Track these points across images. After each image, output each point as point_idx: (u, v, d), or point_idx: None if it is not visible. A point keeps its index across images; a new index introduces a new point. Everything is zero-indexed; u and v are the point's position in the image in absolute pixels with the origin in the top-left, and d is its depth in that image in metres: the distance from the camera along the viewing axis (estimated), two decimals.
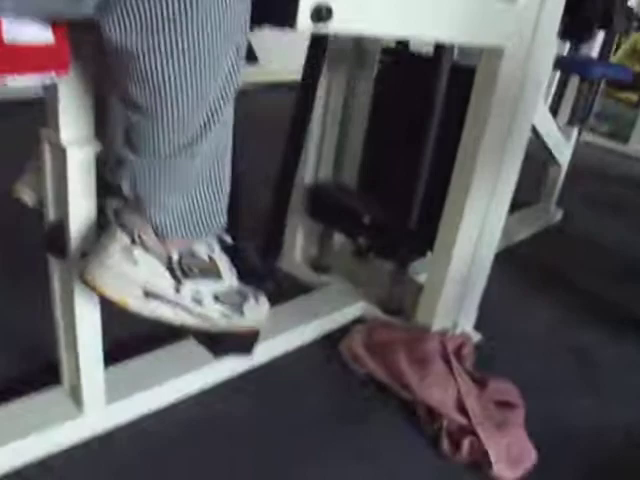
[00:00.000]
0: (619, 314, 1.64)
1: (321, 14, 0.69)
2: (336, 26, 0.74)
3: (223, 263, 0.85)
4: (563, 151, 2.03)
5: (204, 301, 0.83)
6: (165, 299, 0.80)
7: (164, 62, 0.64)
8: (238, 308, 0.87)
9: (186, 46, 0.63)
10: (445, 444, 1.08)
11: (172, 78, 0.65)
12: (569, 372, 1.37)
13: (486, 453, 1.04)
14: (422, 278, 1.36)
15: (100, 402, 0.99)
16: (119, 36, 0.63)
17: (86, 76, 0.75)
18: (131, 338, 1.08)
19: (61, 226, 0.85)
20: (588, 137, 3.16)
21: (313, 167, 1.43)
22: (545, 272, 1.82)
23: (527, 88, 1.13)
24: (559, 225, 2.17)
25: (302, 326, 1.29)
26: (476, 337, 1.39)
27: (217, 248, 0.85)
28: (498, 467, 1.02)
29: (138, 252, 0.76)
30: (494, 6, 0.99)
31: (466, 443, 1.06)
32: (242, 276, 0.89)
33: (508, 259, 1.78)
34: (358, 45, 1.35)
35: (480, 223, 1.24)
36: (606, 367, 1.40)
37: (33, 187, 0.90)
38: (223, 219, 0.82)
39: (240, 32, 0.69)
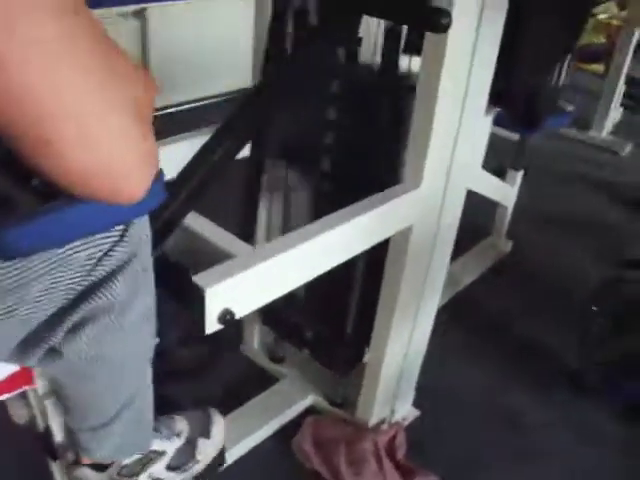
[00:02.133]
0: (552, 366, 1.82)
1: (225, 318, 0.85)
2: (244, 314, 0.91)
3: (157, 443, 1.04)
4: (508, 194, 2.17)
5: (162, 476, 1.03)
6: None
7: (87, 393, 0.83)
8: (193, 459, 1.07)
9: (105, 382, 0.82)
10: None
11: (94, 396, 0.85)
12: (500, 441, 1.57)
13: None
14: None
15: None
16: (50, 372, 0.82)
17: None
18: None
19: (48, 436, 1.04)
20: None
21: None
22: (487, 320, 1.99)
23: (440, 240, 1.28)
24: (509, 259, 2.33)
25: (257, 428, 1.49)
26: (413, 414, 1.60)
27: None
28: None
29: None
30: (398, 199, 1.13)
31: None
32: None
33: (452, 310, 1.96)
34: None
35: (410, 327, 1.41)
36: (536, 430, 1.60)
37: (22, 408, 1.09)
38: (150, 440, 1.01)
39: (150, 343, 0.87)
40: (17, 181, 0.53)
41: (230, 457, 1.42)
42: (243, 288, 0.86)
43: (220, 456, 1.16)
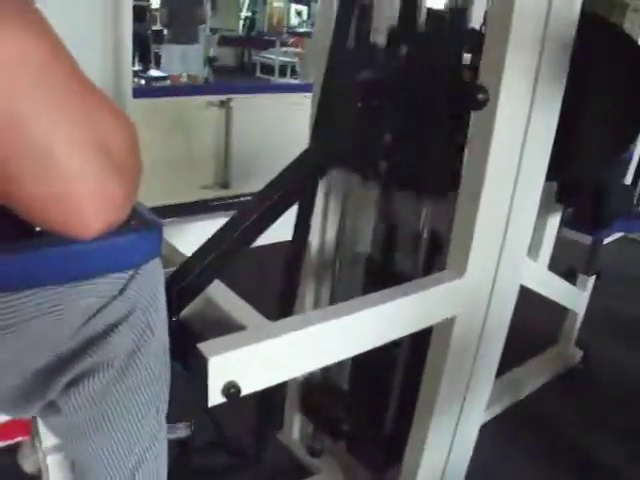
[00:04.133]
0: None
1: (229, 392, 0.80)
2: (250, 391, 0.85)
3: None
4: (578, 300, 2.04)
5: None
6: None
7: (89, 452, 0.77)
8: None
9: (110, 442, 0.77)
10: None
11: (97, 460, 0.78)
12: None
13: None
14: None
15: None
16: (51, 429, 0.77)
17: None
18: None
19: None
20: None
21: None
22: (548, 433, 1.84)
23: (487, 335, 1.19)
24: (577, 368, 2.17)
25: None
26: None
27: None
28: None
29: None
30: (439, 287, 1.07)
31: None
32: None
33: (512, 419, 1.84)
34: None
35: (449, 439, 1.31)
36: None
37: (31, 456, 1.06)
38: None
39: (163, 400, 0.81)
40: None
41: None
42: (251, 362, 0.80)
43: None
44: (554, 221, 1.82)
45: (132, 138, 0.57)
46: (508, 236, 1.08)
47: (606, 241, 2.57)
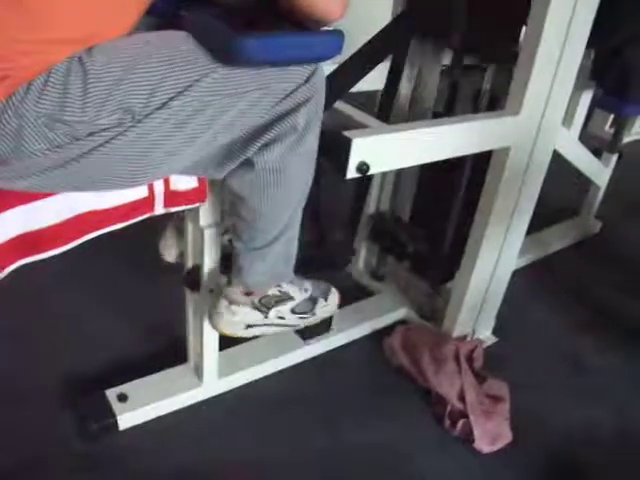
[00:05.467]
0: (620, 324, 1.99)
1: (362, 168, 1.14)
2: (374, 171, 1.19)
3: (291, 289, 1.30)
4: (600, 175, 2.33)
5: (285, 317, 1.31)
6: (260, 324, 1.29)
7: (262, 203, 1.09)
8: (311, 311, 1.35)
9: (277, 197, 1.09)
10: (447, 422, 1.54)
11: (266, 210, 1.11)
12: (562, 375, 1.76)
13: (472, 432, 1.50)
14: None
15: (214, 376, 1.52)
16: (235, 187, 1.09)
17: (215, 197, 1.23)
18: None
19: (196, 270, 1.35)
20: None
21: (375, 200, 1.88)
22: (566, 283, 2.17)
23: (530, 171, 1.51)
24: (596, 237, 2.50)
25: (358, 325, 1.77)
26: (491, 340, 1.82)
27: (285, 283, 1.30)
28: (478, 442, 1.48)
29: (234, 307, 1.24)
30: (498, 121, 1.38)
31: (460, 423, 1.51)
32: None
33: (538, 270, 2.19)
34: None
35: (495, 257, 1.65)
36: (595, 373, 1.77)
37: (173, 246, 1.41)
38: (290, 275, 1.28)
39: (311, 176, 1.14)
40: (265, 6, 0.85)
41: (335, 342, 1.72)
42: (378, 147, 1.14)
43: (329, 322, 1.43)
44: (586, 98, 2.11)
45: None
46: (556, 83, 1.38)
47: (628, 139, 2.85)
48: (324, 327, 1.43)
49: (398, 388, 1.64)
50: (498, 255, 1.65)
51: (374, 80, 1.55)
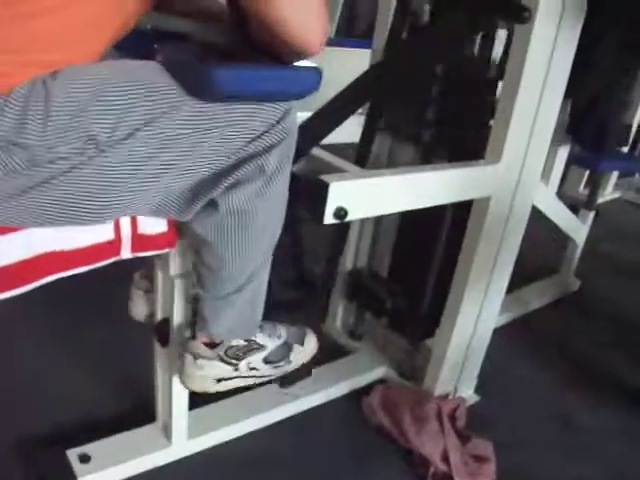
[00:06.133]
0: (607, 380, 1.94)
1: (340, 214, 1.10)
2: (353, 217, 1.15)
3: (260, 337, 1.23)
4: (578, 232, 2.33)
5: (258, 367, 1.23)
6: (231, 377, 1.22)
7: (227, 249, 1.04)
8: (286, 359, 1.27)
9: (242, 243, 1.05)
10: None
11: (230, 257, 1.06)
12: (550, 433, 1.69)
13: None
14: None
15: (184, 436, 1.43)
16: (199, 231, 1.04)
17: (186, 245, 1.18)
18: None
19: (166, 323, 1.28)
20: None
21: (353, 257, 1.84)
22: (548, 340, 2.13)
23: (511, 221, 1.48)
24: (575, 295, 2.48)
25: (336, 385, 1.69)
26: (473, 399, 1.76)
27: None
28: None
29: (200, 361, 1.16)
30: (479, 169, 1.36)
31: None
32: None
33: (519, 327, 2.15)
34: None
35: (476, 313, 1.61)
36: (585, 431, 1.71)
37: (140, 305, 1.35)
38: (257, 326, 1.22)
39: (279, 224, 1.09)
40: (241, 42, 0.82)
41: (312, 402, 1.64)
42: (356, 192, 1.11)
43: (308, 367, 1.35)
44: (563, 155, 2.12)
45: None
46: (535, 132, 1.37)
47: (602, 200, 2.88)
48: (304, 372, 1.34)
49: (378, 448, 1.56)
50: (479, 310, 1.61)
51: (351, 133, 1.55)
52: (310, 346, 1.30)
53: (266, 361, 1.24)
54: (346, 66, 1.79)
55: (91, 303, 1.84)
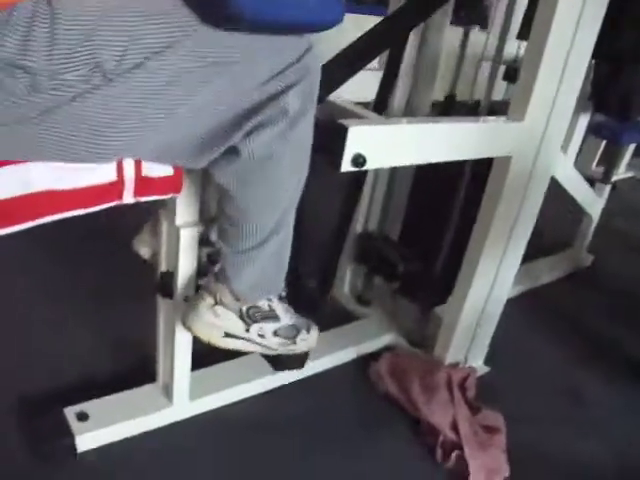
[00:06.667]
0: (618, 356, 1.90)
1: (358, 161, 1.03)
2: (371, 166, 1.09)
3: (280, 308, 1.19)
4: (593, 205, 2.27)
5: (266, 336, 1.18)
6: (238, 337, 1.16)
7: (249, 198, 0.98)
8: (292, 339, 1.22)
9: (266, 192, 0.98)
10: (439, 454, 1.41)
11: (254, 207, 1.00)
12: (560, 408, 1.65)
13: (467, 465, 1.37)
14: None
15: (185, 397, 1.38)
16: (220, 180, 0.99)
17: (194, 192, 1.12)
18: (210, 349, 1.33)
19: (170, 275, 1.23)
20: None
21: (363, 220, 1.78)
22: (560, 314, 2.08)
23: (532, 184, 1.42)
24: (587, 270, 2.43)
25: (343, 350, 1.64)
26: (483, 370, 1.71)
27: (275, 299, 1.20)
28: (474, 477, 1.35)
29: (219, 309, 1.11)
30: (501, 126, 1.30)
31: (454, 455, 1.39)
32: (301, 306, 1.25)
33: (530, 300, 2.09)
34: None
35: (491, 280, 1.55)
36: (595, 406, 1.67)
37: (149, 245, 1.29)
38: (282, 285, 1.17)
39: (305, 170, 1.03)
40: None
41: (313, 368, 1.58)
42: (376, 139, 1.04)
43: (303, 358, 1.32)
44: (582, 124, 2.05)
45: None
46: (561, 90, 1.30)
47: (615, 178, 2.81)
48: (298, 362, 1.31)
49: (384, 416, 1.51)
50: (495, 277, 1.55)
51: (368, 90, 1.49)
52: (313, 337, 1.26)
53: (276, 333, 1.18)
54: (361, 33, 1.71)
55: (93, 260, 1.79)
